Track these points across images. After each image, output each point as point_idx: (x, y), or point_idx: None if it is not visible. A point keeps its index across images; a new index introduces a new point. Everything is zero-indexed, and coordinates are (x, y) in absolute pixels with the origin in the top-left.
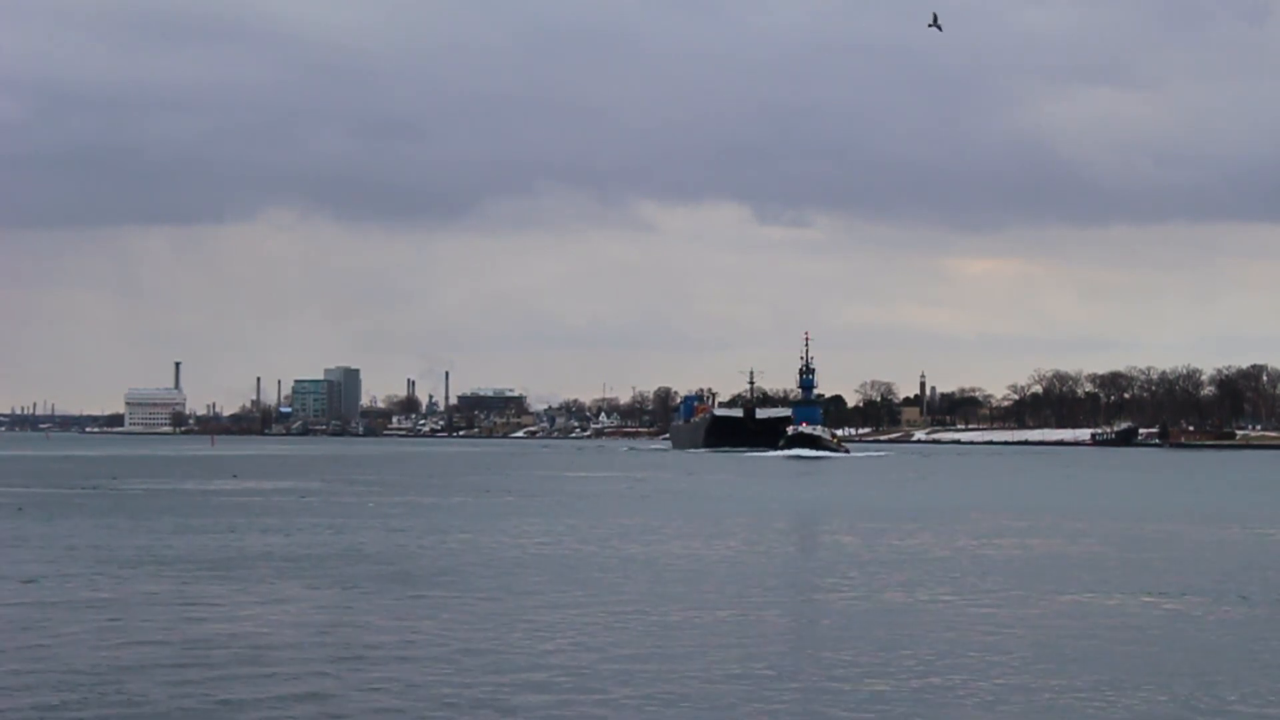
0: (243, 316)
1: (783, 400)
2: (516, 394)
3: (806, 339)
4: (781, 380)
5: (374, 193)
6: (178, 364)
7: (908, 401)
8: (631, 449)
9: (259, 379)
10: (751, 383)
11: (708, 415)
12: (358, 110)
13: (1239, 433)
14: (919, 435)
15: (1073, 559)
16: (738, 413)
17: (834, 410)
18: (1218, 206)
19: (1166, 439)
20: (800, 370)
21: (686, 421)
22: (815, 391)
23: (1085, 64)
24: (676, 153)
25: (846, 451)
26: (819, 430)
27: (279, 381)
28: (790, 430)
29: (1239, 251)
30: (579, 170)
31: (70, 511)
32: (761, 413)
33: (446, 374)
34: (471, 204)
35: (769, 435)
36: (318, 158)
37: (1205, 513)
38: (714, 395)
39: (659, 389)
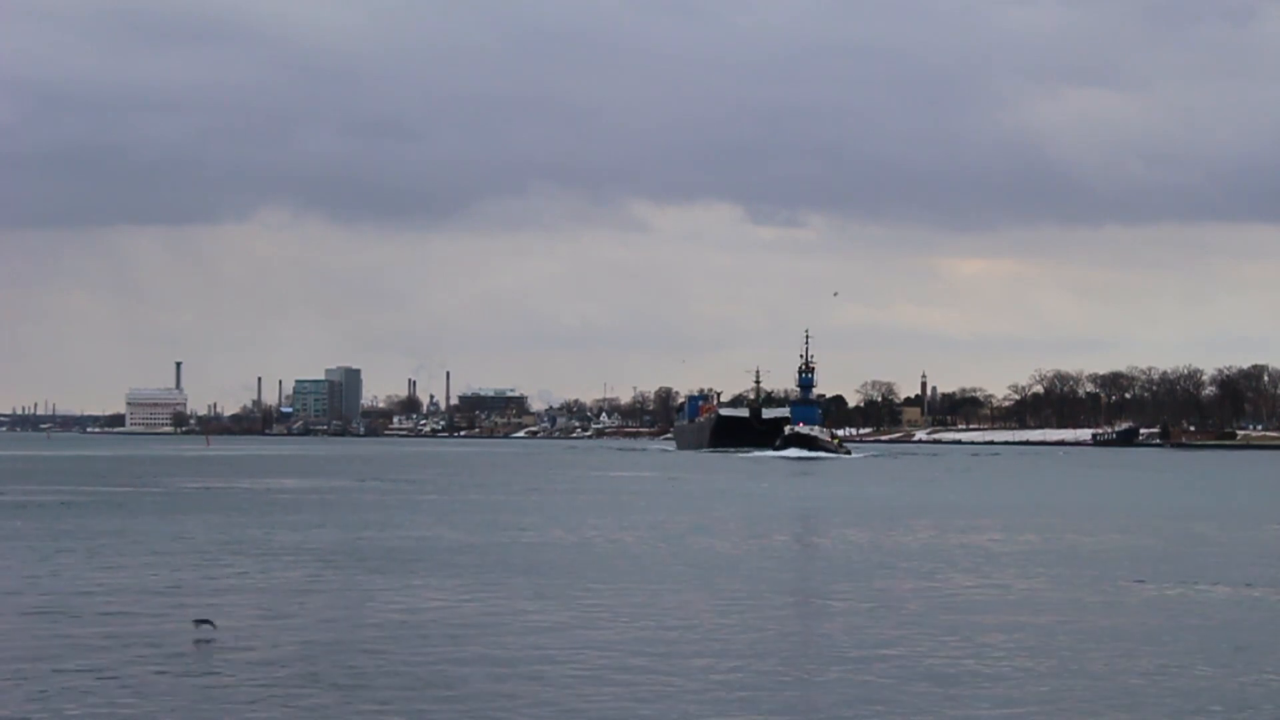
0: (242, 317)
1: (783, 400)
2: (517, 394)
3: (807, 337)
4: (779, 381)
5: (367, 194)
6: (179, 364)
7: (909, 401)
8: (639, 449)
9: (259, 379)
10: (758, 382)
11: (713, 415)
12: (349, 111)
13: (1239, 433)
14: (920, 435)
15: (1137, 552)
16: (744, 413)
17: (835, 410)
18: (1207, 207)
19: (1168, 439)
20: (799, 369)
21: (691, 421)
22: (815, 391)
23: (1074, 65)
24: (669, 153)
25: (848, 452)
26: (816, 430)
27: (280, 381)
28: (787, 430)
29: (1230, 252)
30: (572, 170)
31: (158, 510)
32: (768, 412)
33: (447, 374)
34: (465, 204)
35: (776, 436)
36: (310, 158)
37: (1235, 511)
38: (718, 395)
39: (660, 389)
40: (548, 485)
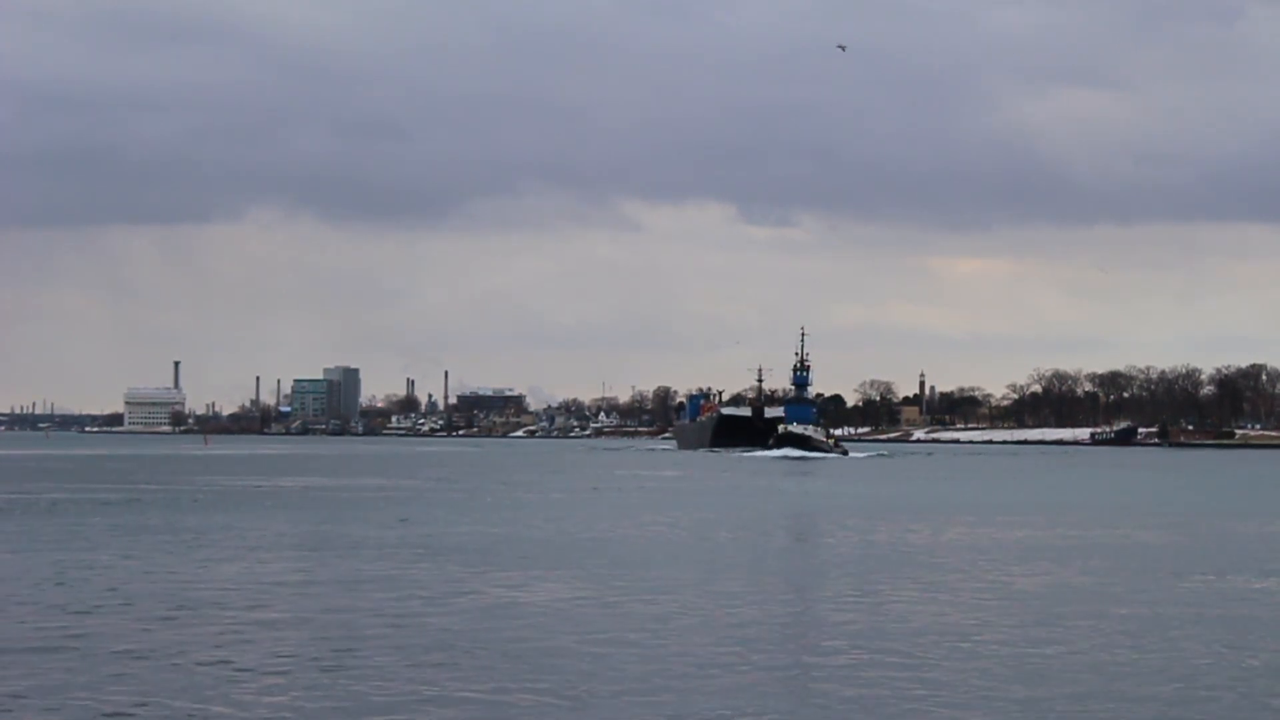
0: (237, 316)
1: (780, 400)
2: (516, 393)
3: (803, 335)
4: (776, 380)
5: (359, 193)
6: (177, 363)
7: (907, 401)
8: (642, 449)
9: (258, 378)
10: (760, 381)
11: (715, 414)
12: (341, 110)
13: (1238, 432)
14: (918, 435)
15: (1175, 548)
16: (746, 412)
17: (833, 410)
18: (1200, 207)
19: (1166, 438)
20: (794, 368)
21: (692, 421)
22: (813, 391)
23: (1065, 65)
24: (661, 152)
25: (844, 452)
26: (809, 430)
27: (278, 381)
28: (780, 429)
29: (1224, 251)
30: (564, 170)
31: (230, 507)
32: (770, 412)
33: (445, 374)
34: (457, 204)
35: None
36: (302, 158)
37: (1256, 508)
38: (719, 394)
39: (658, 388)
40: (580, 485)
